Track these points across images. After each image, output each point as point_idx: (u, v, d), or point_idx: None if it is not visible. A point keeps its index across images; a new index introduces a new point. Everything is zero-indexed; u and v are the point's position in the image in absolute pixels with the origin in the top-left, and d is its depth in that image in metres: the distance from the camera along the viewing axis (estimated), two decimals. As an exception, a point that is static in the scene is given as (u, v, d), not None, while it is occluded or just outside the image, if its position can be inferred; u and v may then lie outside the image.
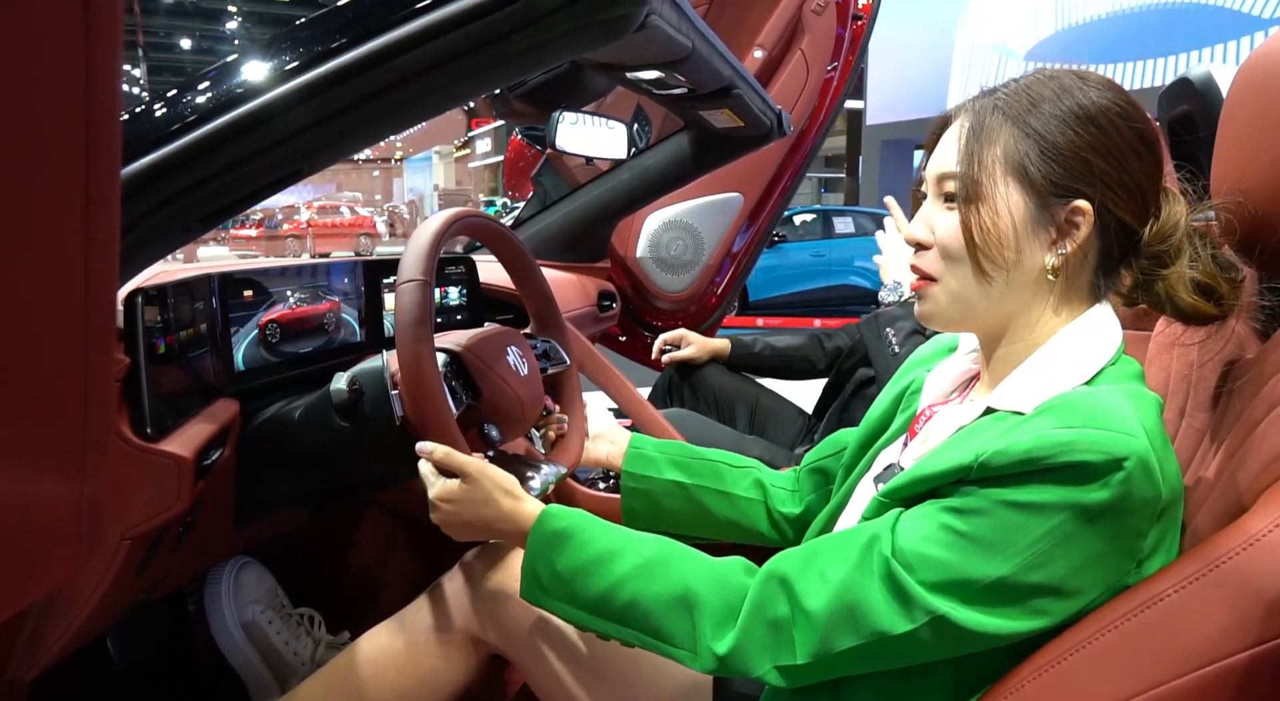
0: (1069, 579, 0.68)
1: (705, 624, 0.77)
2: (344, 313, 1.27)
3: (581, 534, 0.84)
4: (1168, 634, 0.68)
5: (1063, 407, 0.70)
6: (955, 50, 12.48)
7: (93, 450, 0.50)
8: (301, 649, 1.34)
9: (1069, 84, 0.75)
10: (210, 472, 0.91)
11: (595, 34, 0.75)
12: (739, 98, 1.54)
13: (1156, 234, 0.75)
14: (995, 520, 0.68)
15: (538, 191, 2.28)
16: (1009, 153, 0.74)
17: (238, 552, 1.26)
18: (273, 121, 0.73)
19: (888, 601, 0.70)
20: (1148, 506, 0.67)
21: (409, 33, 0.71)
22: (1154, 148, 0.76)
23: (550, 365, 1.19)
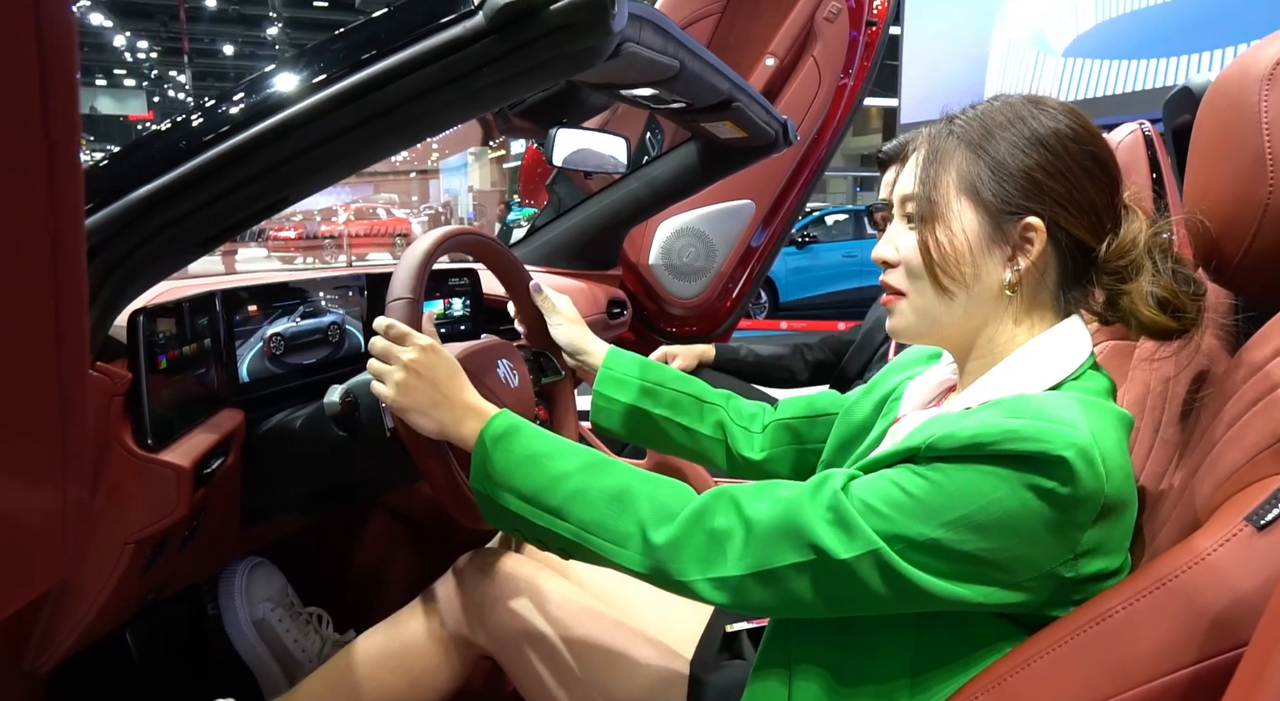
0: (1002, 552, 0.69)
1: (645, 518, 0.77)
2: (348, 324, 1.32)
3: (530, 431, 0.85)
4: (1115, 649, 0.70)
5: (1011, 401, 0.72)
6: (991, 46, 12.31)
7: (73, 463, 0.55)
8: (309, 646, 1.39)
9: (1021, 110, 0.78)
10: (211, 480, 0.96)
11: (564, 66, 0.78)
12: (740, 110, 1.56)
13: (1115, 250, 0.77)
14: (940, 488, 0.69)
15: (552, 200, 2.32)
16: (962, 174, 0.78)
17: (246, 553, 1.32)
18: (260, 153, 0.78)
19: (832, 525, 0.71)
20: (1088, 500, 0.68)
21: (384, 69, 0.75)
22: (1107, 167, 0.78)
23: (543, 376, 1.23)
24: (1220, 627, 0.67)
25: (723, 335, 2.55)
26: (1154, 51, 10.17)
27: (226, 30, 28.15)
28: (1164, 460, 0.93)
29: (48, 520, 0.53)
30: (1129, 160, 1.24)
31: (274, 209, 0.83)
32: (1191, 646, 0.68)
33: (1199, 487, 0.77)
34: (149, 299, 0.97)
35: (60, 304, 0.46)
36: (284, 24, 25.94)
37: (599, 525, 0.78)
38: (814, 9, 2.32)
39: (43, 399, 0.48)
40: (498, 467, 0.83)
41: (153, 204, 0.77)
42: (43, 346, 0.47)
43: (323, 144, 0.78)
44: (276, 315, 1.18)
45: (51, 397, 0.49)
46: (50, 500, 0.52)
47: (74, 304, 0.47)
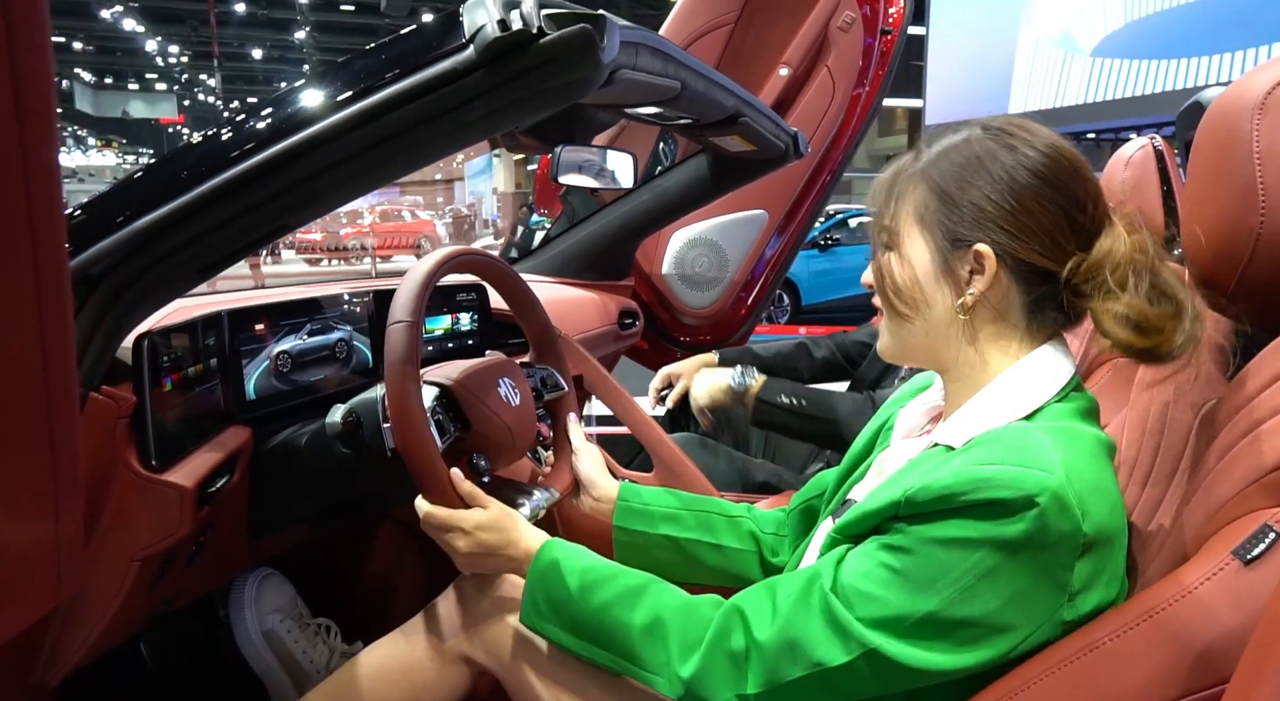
0: (998, 613, 0.71)
1: (673, 650, 0.84)
2: (355, 340, 1.34)
3: (569, 564, 0.93)
4: (1103, 680, 0.70)
5: (986, 444, 0.73)
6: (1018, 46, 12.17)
7: (64, 494, 0.56)
8: (318, 657, 1.41)
9: (976, 143, 0.79)
10: (216, 498, 0.98)
11: (554, 97, 0.80)
12: (747, 125, 1.56)
13: (1083, 271, 0.77)
14: (923, 557, 0.72)
15: (566, 210, 2.34)
16: (915, 205, 0.80)
17: (254, 566, 1.34)
18: (259, 184, 0.80)
19: (826, 634, 0.75)
20: (1066, 540, 0.69)
21: (377, 102, 0.77)
22: (1062, 189, 0.77)
23: (547, 391, 1.24)
24: (1205, 662, 0.67)
25: (736, 344, 2.55)
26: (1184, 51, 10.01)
27: (256, 34, 28.54)
28: (1160, 487, 0.92)
29: (39, 551, 0.55)
30: (1140, 174, 1.22)
31: (273, 237, 0.85)
32: (1177, 680, 0.67)
33: (1190, 518, 0.77)
34: (155, 321, 1.00)
35: (46, 339, 0.48)
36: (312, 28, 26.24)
37: (634, 656, 0.86)
38: (827, 19, 2.32)
39: (32, 432, 0.50)
40: (542, 605, 0.93)
41: (156, 232, 0.79)
42: (30, 380, 0.48)
43: (319, 175, 0.79)
44: (284, 333, 1.20)
45: (41, 430, 0.50)
46: (42, 531, 0.54)
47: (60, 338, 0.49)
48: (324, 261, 15.22)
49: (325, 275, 12.71)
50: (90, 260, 0.79)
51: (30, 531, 0.53)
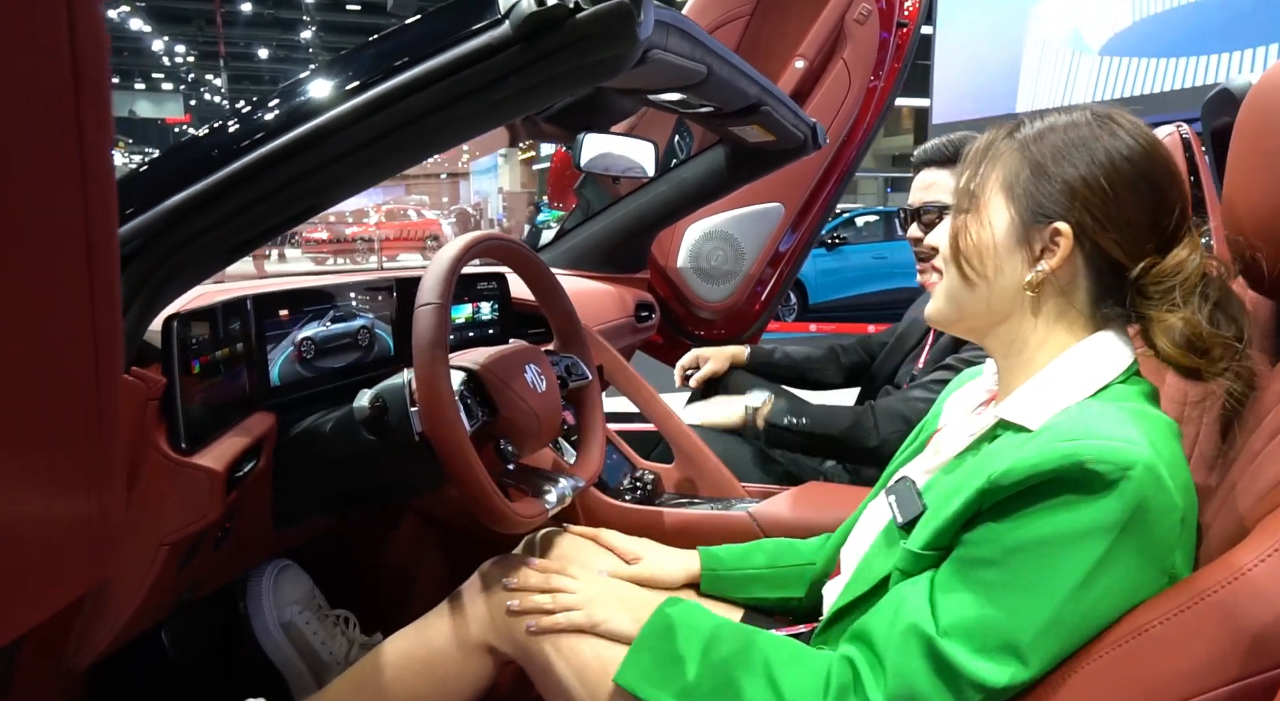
0: (1111, 604, 0.70)
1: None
2: (378, 328, 1.33)
3: (690, 621, 0.90)
4: (1152, 664, 0.68)
5: (1064, 421, 0.72)
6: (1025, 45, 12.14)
7: (107, 471, 0.56)
8: (337, 648, 1.40)
9: (1082, 125, 0.78)
10: (243, 483, 0.97)
11: (590, 74, 0.79)
12: (768, 114, 1.55)
13: (1152, 274, 0.76)
14: (1024, 561, 0.70)
15: (580, 203, 2.33)
16: (1006, 173, 0.80)
17: (278, 553, 1.33)
18: (288, 163, 0.79)
19: (939, 686, 0.72)
20: (1167, 514, 0.68)
21: (411, 78, 0.76)
22: (1157, 190, 0.77)
23: (572, 380, 1.23)
24: (1261, 645, 0.65)
25: (751, 338, 2.54)
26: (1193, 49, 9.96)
27: (262, 34, 28.59)
28: (1202, 476, 0.91)
29: (81, 528, 0.54)
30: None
31: (303, 216, 0.84)
32: (1231, 663, 0.66)
33: (1240, 501, 0.75)
34: (182, 304, 0.99)
35: (96, 311, 0.47)
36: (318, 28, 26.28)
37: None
38: (844, 11, 2.31)
39: (79, 407, 0.49)
40: (649, 667, 0.89)
41: (186, 211, 0.78)
42: (79, 354, 0.48)
43: (350, 153, 0.78)
44: (307, 319, 1.19)
45: (88, 406, 0.50)
46: (84, 508, 0.53)
47: (109, 310, 0.48)
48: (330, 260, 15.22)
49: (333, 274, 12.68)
50: (120, 240, 0.79)
51: (74, 508, 0.52)
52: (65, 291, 0.45)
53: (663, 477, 1.58)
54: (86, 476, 0.52)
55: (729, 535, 1.41)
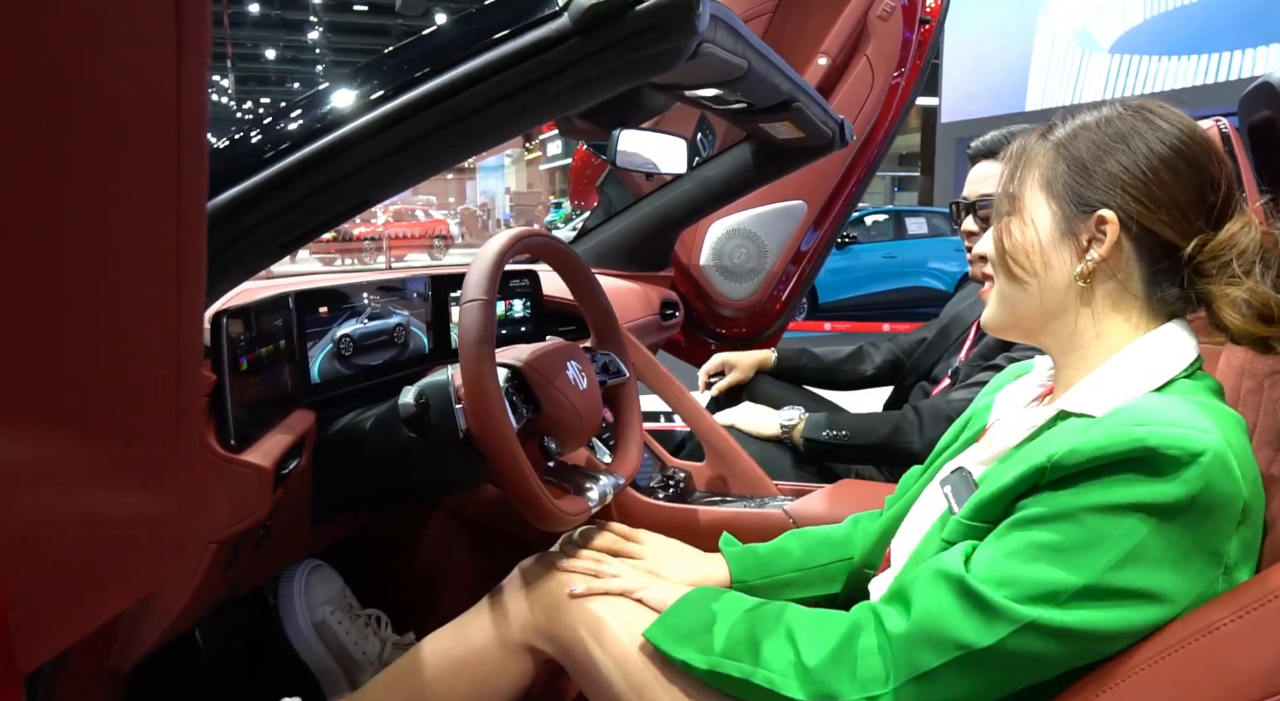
0: (1155, 582, 0.68)
1: (803, 651, 0.82)
2: (413, 325, 1.32)
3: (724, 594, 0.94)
4: (1225, 663, 0.67)
5: (1133, 408, 0.72)
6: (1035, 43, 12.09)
7: (184, 468, 0.55)
8: (369, 648, 1.40)
9: (1114, 117, 0.79)
10: (288, 480, 0.97)
11: (647, 66, 0.78)
12: (799, 110, 1.54)
13: (1207, 250, 0.75)
14: (1074, 525, 0.69)
15: (602, 201, 2.32)
16: (1044, 172, 0.81)
17: (313, 552, 1.33)
18: (344, 157, 0.78)
19: (969, 617, 0.72)
20: (1228, 504, 0.67)
21: (470, 70, 0.75)
22: (1198, 166, 0.77)
23: (609, 378, 1.23)
24: None
25: (771, 337, 2.53)
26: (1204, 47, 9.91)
27: (269, 35, 28.65)
28: (1263, 463, 0.89)
29: (156, 525, 0.53)
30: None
31: (355, 211, 0.83)
32: None
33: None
34: (226, 301, 0.98)
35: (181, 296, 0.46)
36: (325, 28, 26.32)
37: (761, 660, 0.84)
38: (867, 7, 2.30)
39: (161, 399, 0.48)
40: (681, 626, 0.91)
41: (240, 205, 0.78)
42: (163, 342, 0.47)
43: (407, 147, 0.78)
44: (345, 316, 1.19)
45: (169, 398, 0.49)
46: (159, 505, 0.53)
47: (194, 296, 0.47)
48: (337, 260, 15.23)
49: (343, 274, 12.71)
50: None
51: (150, 505, 0.52)
52: (154, 274, 0.44)
53: (693, 475, 1.57)
54: (162, 472, 0.52)
55: (765, 533, 1.40)
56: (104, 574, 0.50)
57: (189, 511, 0.56)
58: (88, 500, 0.46)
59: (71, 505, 0.45)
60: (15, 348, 0.38)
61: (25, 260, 0.37)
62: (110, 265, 0.42)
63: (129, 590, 0.55)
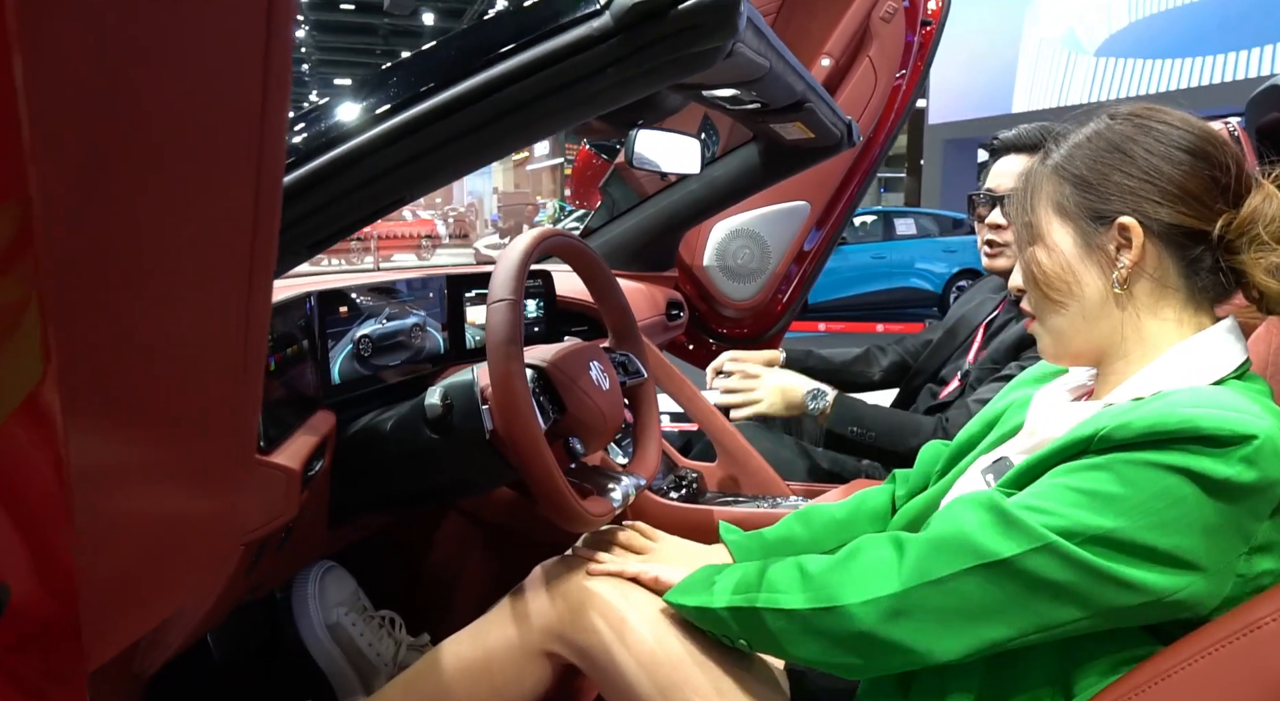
0: (1182, 546, 0.68)
1: (807, 564, 0.83)
2: (429, 325, 1.32)
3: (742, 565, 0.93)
4: (1267, 661, 0.68)
5: (1184, 392, 0.72)
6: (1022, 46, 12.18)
7: (241, 466, 0.54)
8: (384, 650, 1.39)
9: (1104, 128, 0.81)
10: (312, 481, 0.96)
11: (686, 65, 0.78)
12: (811, 111, 1.55)
13: (1235, 227, 0.77)
14: (1113, 475, 0.70)
15: (605, 201, 2.32)
16: (1052, 196, 0.82)
17: (329, 554, 1.32)
18: (378, 155, 0.77)
19: (992, 526, 0.72)
20: (1271, 488, 0.68)
21: (511, 68, 0.75)
22: (1199, 153, 0.78)
23: (628, 378, 1.22)
24: None
25: (773, 338, 2.53)
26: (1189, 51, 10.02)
27: (253, 34, 28.35)
28: None
29: (213, 524, 0.53)
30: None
31: (386, 211, 0.83)
32: None
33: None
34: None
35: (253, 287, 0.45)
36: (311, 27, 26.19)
37: (767, 584, 0.84)
38: (870, 9, 2.30)
39: (227, 395, 0.48)
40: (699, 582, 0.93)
41: (276, 206, 0.77)
42: (231, 336, 0.46)
43: (440, 147, 0.77)
44: (364, 316, 1.18)
45: (235, 394, 0.48)
46: (218, 505, 0.52)
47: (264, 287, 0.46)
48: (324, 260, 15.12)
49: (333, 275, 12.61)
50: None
51: (210, 505, 0.51)
52: (230, 271, 0.44)
53: (705, 476, 1.57)
54: (223, 472, 0.51)
55: (780, 534, 1.40)
56: (167, 573, 0.50)
57: (240, 511, 0.56)
58: (159, 500, 0.45)
59: (144, 505, 0.44)
60: (107, 344, 0.37)
61: (120, 253, 0.36)
62: (192, 261, 0.41)
63: (186, 589, 0.54)
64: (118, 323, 0.38)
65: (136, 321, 0.39)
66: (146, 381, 0.41)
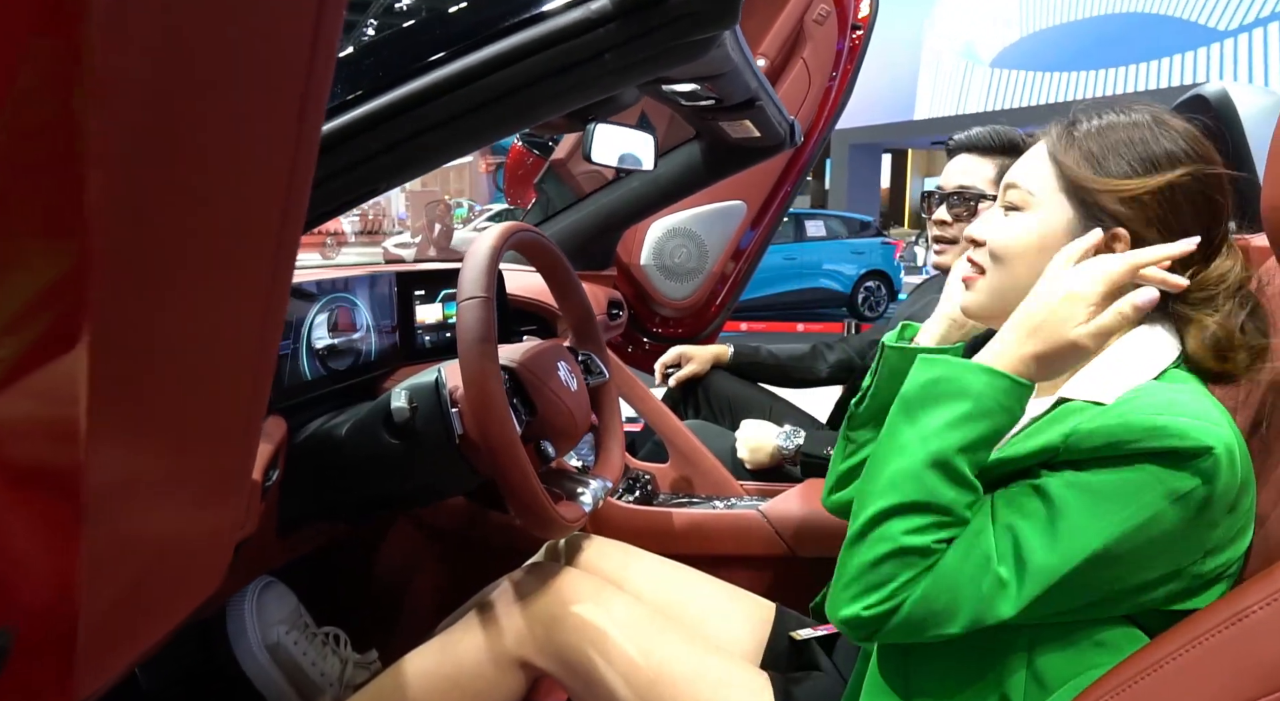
0: (1140, 558, 0.70)
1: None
2: (377, 326, 1.25)
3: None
4: (1257, 650, 0.69)
5: (1147, 397, 0.72)
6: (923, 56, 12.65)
7: (245, 477, 0.49)
8: (329, 669, 1.31)
9: (1144, 128, 0.79)
10: (269, 492, 0.89)
11: (682, 53, 0.75)
12: (761, 109, 1.54)
13: (1197, 282, 0.77)
14: (1075, 501, 0.70)
15: (541, 199, 2.27)
16: (1068, 175, 0.80)
17: (276, 568, 1.23)
18: (354, 142, 0.72)
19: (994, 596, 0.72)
20: (1226, 495, 0.69)
21: (503, 51, 0.70)
22: (1215, 204, 0.78)
23: (591, 378, 1.19)
24: None
25: (708, 338, 2.53)
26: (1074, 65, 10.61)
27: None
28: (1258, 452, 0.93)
29: (212, 540, 0.49)
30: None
31: (361, 200, 0.77)
32: None
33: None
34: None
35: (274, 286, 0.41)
36: None
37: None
38: (803, 11, 2.33)
39: (236, 403, 0.43)
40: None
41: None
42: (247, 341, 0.42)
43: (426, 131, 0.72)
44: (314, 315, 1.11)
45: (244, 402, 0.44)
46: (218, 519, 0.47)
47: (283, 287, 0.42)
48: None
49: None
50: None
51: (212, 519, 0.46)
52: (255, 261, 0.39)
53: (658, 477, 1.54)
54: (229, 484, 0.46)
55: (740, 534, 1.39)
56: (162, 597, 0.45)
57: (239, 524, 0.51)
58: (167, 514, 0.41)
59: (153, 520, 0.39)
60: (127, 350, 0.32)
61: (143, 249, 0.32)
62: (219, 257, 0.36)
63: (179, 613, 0.50)
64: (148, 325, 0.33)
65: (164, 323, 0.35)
66: (169, 391, 0.37)
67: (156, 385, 0.35)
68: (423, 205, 16.26)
